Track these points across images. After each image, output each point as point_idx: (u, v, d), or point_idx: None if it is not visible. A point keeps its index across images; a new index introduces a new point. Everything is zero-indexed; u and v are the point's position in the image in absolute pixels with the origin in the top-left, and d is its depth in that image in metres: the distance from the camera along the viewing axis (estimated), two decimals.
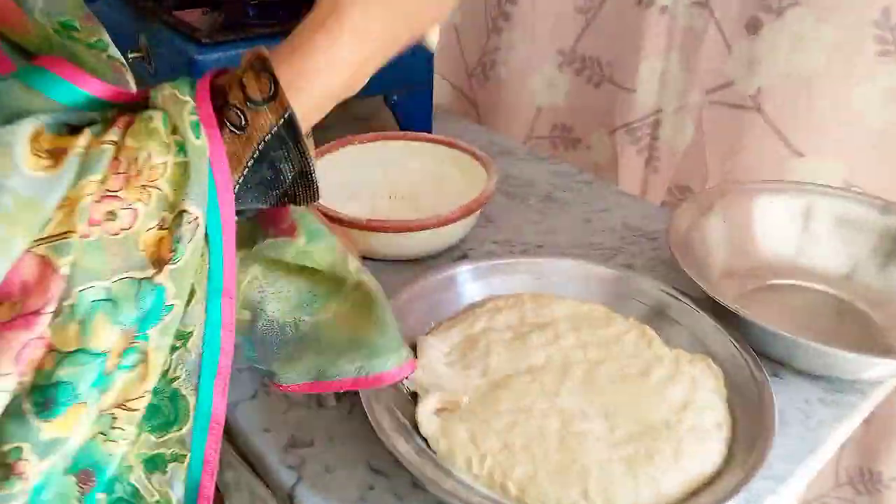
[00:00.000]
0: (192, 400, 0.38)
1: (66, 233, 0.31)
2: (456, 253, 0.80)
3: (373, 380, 0.48)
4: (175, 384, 0.38)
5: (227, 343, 0.39)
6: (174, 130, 0.35)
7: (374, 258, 0.77)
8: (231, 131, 0.36)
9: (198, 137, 0.35)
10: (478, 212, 0.78)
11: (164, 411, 0.38)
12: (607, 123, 1.07)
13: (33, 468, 0.32)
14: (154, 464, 0.39)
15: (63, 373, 0.31)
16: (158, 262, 0.33)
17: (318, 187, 0.40)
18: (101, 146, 0.33)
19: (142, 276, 0.33)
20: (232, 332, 0.39)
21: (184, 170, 0.34)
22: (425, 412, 0.54)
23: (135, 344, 0.34)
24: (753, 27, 0.84)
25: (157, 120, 0.34)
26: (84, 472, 0.36)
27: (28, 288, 0.30)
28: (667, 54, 0.95)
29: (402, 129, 1.00)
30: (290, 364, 0.49)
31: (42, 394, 0.31)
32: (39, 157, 0.31)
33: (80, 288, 0.31)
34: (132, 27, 0.92)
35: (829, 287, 0.73)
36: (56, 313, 0.31)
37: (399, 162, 0.88)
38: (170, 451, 0.39)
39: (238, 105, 0.36)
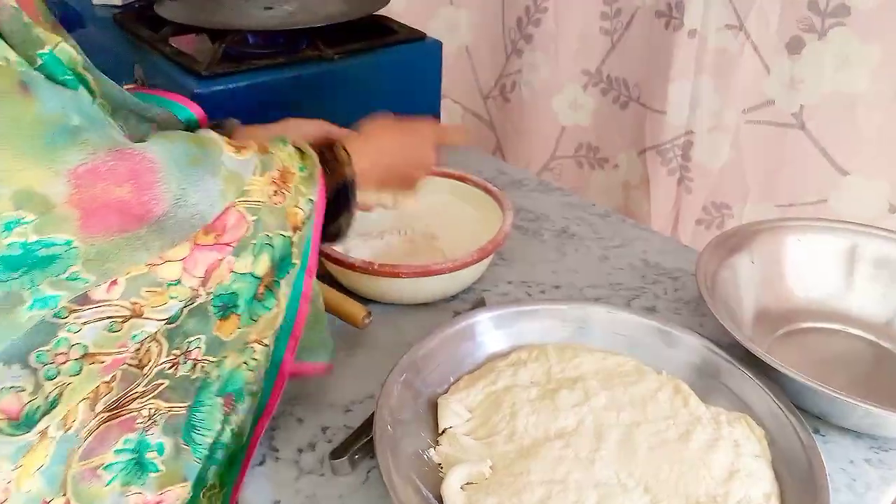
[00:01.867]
0: (271, 347, 0.51)
1: (258, 201, 0.47)
2: (471, 295, 0.76)
3: (307, 368, 0.57)
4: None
5: (302, 309, 0.52)
6: (302, 157, 0.53)
7: (385, 302, 0.73)
8: (325, 171, 0.54)
9: (311, 164, 0.53)
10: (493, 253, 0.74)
11: (261, 357, 0.50)
12: (636, 144, 1.05)
13: (199, 356, 0.46)
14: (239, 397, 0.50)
15: (236, 286, 0.46)
16: (294, 229, 0.50)
17: (347, 228, 0.59)
18: (269, 154, 0.50)
19: (287, 234, 0.49)
20: (308, 301, 0.52)
21: (308, 178, 0.52)
22: (451, 487, 0.50)
23: (273, 290, 0.49)
24: (795, 47, 0.83)
25: (290, 148, 0.53)
26: (228, 395, 0.48)
27: (228, 228, 0.45)
28: (697, 76, 0.93)
29: None
30: None
31: (220, 299, 0.46)
32: (232, 147, 0.48)
33: (260, 233, 0.47)
34: (127, 56, 0.88)
35: (867, 333, 0.70)
36: (242, 247, 0.46)
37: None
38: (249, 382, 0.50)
39: (331, 159, 0.55)
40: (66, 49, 0.42)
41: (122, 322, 0.41)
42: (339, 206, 0.55)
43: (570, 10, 1.06)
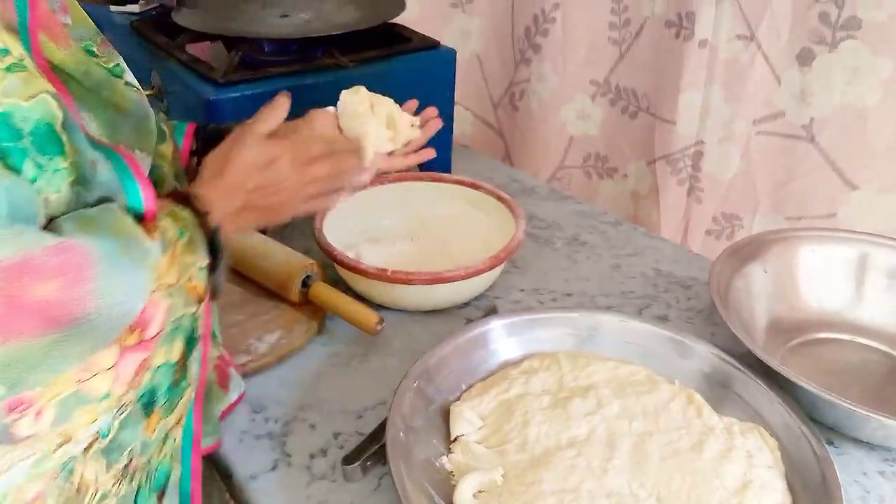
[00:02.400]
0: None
1: (169, 284, 0.43)
2: (483, 302, 0.76)
3: (207, 449, 0.55)
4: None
5: (202, 379, 0.50)
6: (175, 219, 0.47)
7: (398, 309, 0.74)
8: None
9: (188, 225, 0.48)
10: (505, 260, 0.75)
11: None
12: (646, 154, 1.05)
13: (138, 463, 0.44)
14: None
15: (156, 380, 0.44)
16: (198, 301, 0.47)
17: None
18: (166, 233, 0.45)
19: (193, 310, 0.46)
20: (206, 370, 0.50)
21: (189, 243, 0.46)
22: (464, 495, 0.50)
23: (185, 371, 0.46)
24: (805, 59, 0.82)
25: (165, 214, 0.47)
26: (161, 490, 0.48)
27: (149, 322, 0.42)
28: (708, 86, 0.93)
29: (420, 166, 0.96)
30: None
31: (143, 397, 0.43)
32: (145, 231, 0.43)
33: (173, 319, 0.44)
34: (144, 62, 0.89)
35: (879, 344, 0.70)
36: (162, 339, 0.43)
37: (421, 204, 0.84)
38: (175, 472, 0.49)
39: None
40: (37, 102, 0.38)
41: (52, 454, 0.38)
42: (212, 261, 0.49)
43: (578, 19, 1.06)
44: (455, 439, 0.57)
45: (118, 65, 0.51)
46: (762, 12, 0.86)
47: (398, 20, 0.93)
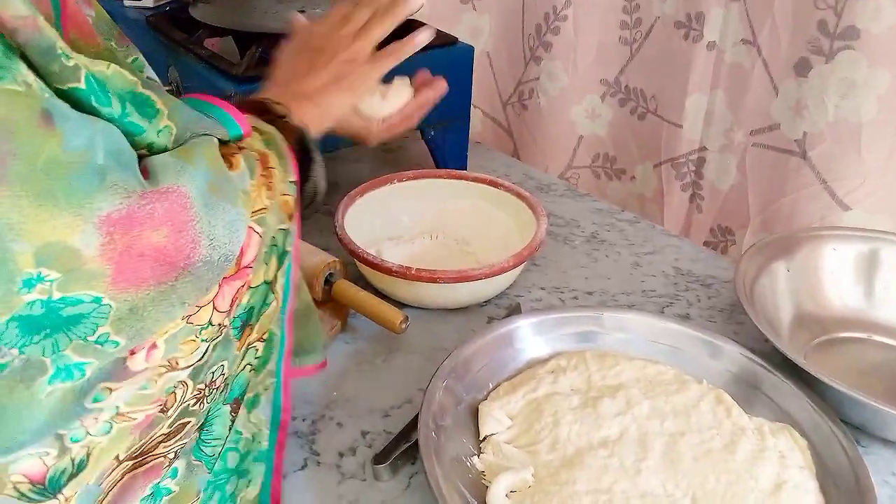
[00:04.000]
0: (277, 333, 0.48)
1: (262, 209, 0.43)
2: (504, 300, 0.76)
3: (301, 371, 0.56)
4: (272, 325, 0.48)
5: (292, 293, 0.49)
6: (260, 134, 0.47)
7: (420, 307, 0.73)
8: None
9: (273, 138, 0.48)
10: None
11: (263, 351, 0.48)
12: (653, 156, 1.04)
13: (221, 380, 0.43)
14: (252, 403, 0.48)
15: (252, 301, 0.44)
16: (289, 217, 0.46)
17: (323, 181, 0.53)
18: (246, 150, 0.44)
19: (285, 227, 0.46)
20: (296, 287, 0.49)
21: (277, 155, 0.46)
22: (497, 496, 0.50)
23: (273, 285, 0.46)
24: (802, 69, 0.80)
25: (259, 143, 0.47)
26: (235, 400, 0.46)
27: (246, 250, 0.41)
28: (713, 91, 0.92)
29: (436, 163, 0.96)
30: None
31: (239, 319, 0.43)
32: (228, 163, 0.42)
33: (268, 239, 0.44)
34: (161, 58, 0.88)
35: None
36: (258, 262, 0.42)
37: (441, 201, 0.84)
38: (263, 385, 0.49)
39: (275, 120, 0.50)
40: (115, 71, 0.37)
41: (157, 378, 0.38)
42: (303, 164, 0.50)
43: (590, 18, 1.05)
44: (484, 438, 0.56)
45: (137, 59, 0.50)
46: (764, 17, 0.84)
47: (414, 16, 0.92)
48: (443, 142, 0.94)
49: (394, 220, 0.83)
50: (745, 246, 0.96)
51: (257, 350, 0.47)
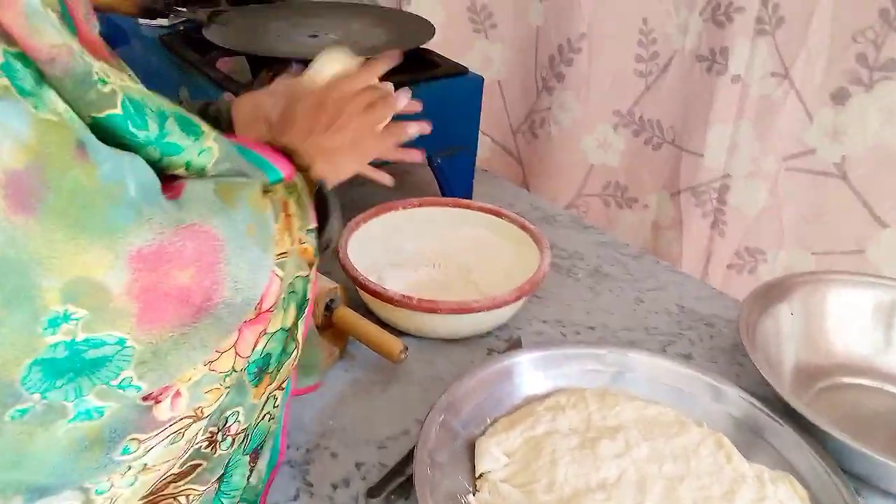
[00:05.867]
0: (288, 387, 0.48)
1: (283, 253, 0.43)
2: (505, 332, 0.76)
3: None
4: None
5: (305, 332, 0.48)
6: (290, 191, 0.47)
7: (420, 336, 0.73)
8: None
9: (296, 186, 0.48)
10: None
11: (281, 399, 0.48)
12: (669, 185, 1.05)
13: (238, 428, 0.43)
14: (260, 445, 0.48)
15: (269, 347, 0.43)
16: (309, 264, 0.46)
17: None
18: (276, 197, 0.44)
19: (305, 274, 0.45)
20: (308, 323, 0.48)
21: (298, 202, 0.46)
22: None
23: (294, 334, 0.45)
24: (840, 98, 0.82)
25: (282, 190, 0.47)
26: (255, 451, 0.46)
27: (267, 293, 0.41)
28: (737, 121, 0.93)
29: (442, 190, 0.96)
30: None
31: (255, 365, 0.42)
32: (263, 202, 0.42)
33: (286, 285, 0.43)
34: (172, 77, 0.89)
35: None
36: (277, 308, 0.42)
37: (444, 229, 0.84)
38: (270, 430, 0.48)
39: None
40: (154, 97, 0.37)
41: (185, 431, 0.38)
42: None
43: (604, 52, 1.06)
44: (480, 476, 0.56)
45: (130, 75, 0.50)
46: (798, 51, 0.86)
47: (428, 43, 0.93)
48: (449, 170, 0.94)
49: (397, 246, 0.82)
50: (782, 264, 0.97)
51: (276, 399, 0.46)
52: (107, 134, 0.34)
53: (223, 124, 0.63)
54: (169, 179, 0.39)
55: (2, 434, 0.31)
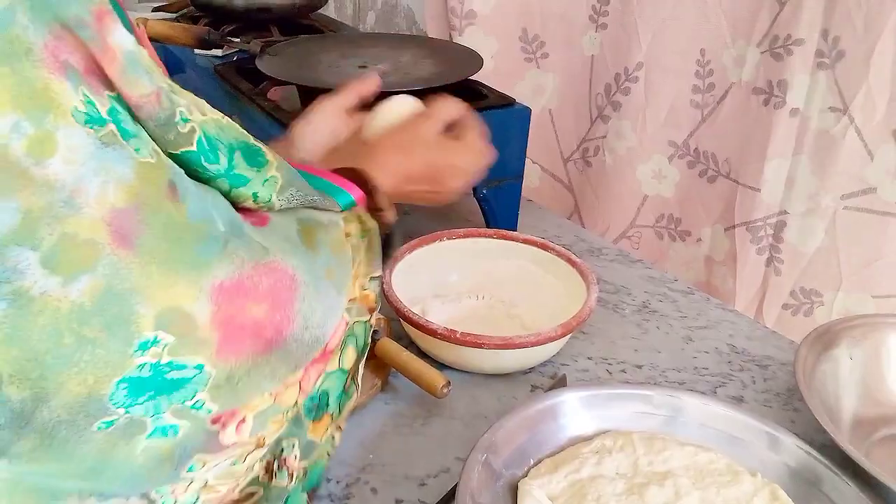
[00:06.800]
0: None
1: (353, 299, 0.45)
2: (549, 368, 0.74)
3: None
4: None
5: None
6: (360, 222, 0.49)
7: (463, 370, 0.72)
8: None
9: (370, 233, 0.49)
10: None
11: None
12: (724, 219, 1.03)
13: (295, 464, 0.43)
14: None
15: (326, 385, 0.44)
16: (370, 311, 0.47)
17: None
18: (353, 241, 0.46)
19: (365, 320, 0.46)
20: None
21: (369, 249, 0.48)
22: None
23: (356, 377, 0.46)
24: None
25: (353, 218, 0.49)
26: (314, 489, 0.46)
27: (335, 334, 0.43)
28: (796, 156, 0.91)
29: (487, 221, 0.96)
30: None
31: (310, 400, 0.43)
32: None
33: (350, 328, 0.44)
34: (225, 106, 0.91)
35: None
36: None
37: (490, 261, 0.83)
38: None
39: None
40: (229, 123, 0.39)
41: (247, 456, 0.39)
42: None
43: (662, 82, 1.05)
44: None
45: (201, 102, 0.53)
46: (858, 86, 0.84)
47: (479, 73, 0.93)
48: (495, 201, 0.94)
49: (441, 277, 0.82)
50: (840, 306, 0.94)
51: (334, 439, 0.47)
52: (181, 167, 0.36)
53: None
54: (251, 210, 0.41)
55: (90, 442, 0.33)
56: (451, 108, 0.64)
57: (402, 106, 0.65)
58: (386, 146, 0.59)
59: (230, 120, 0.40)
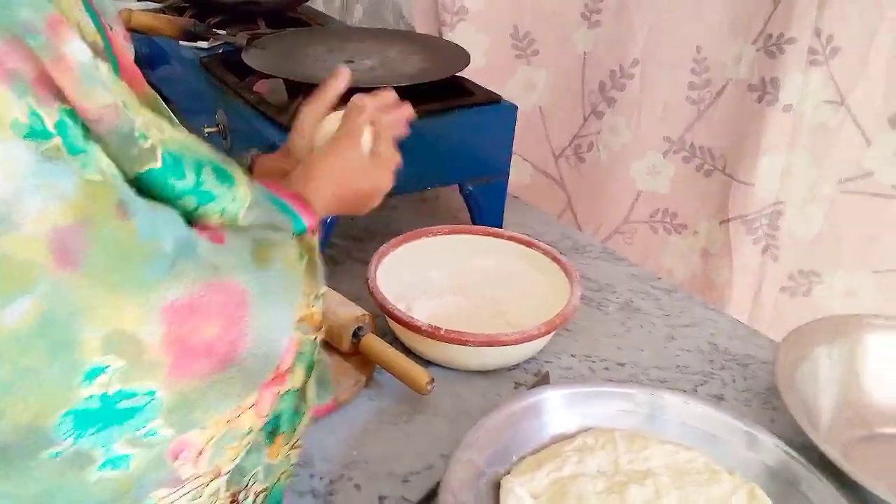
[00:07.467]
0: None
1: (302, 318, 0.44)
2: (532, 365, 0.75)
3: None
4: None
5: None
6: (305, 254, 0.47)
7: (447, 367, 0.72)
8: None
9: (309, 250, 0.48)
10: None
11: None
12: (719, 213, 1.04)
13: (257, 488, 0.43)
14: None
15: (281, 406, 0.43)
16: (316, 329, 0.47)
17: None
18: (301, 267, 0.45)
19: (312, 338, 0.46)
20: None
21: (310, 265, 0.46)
22: None
23: (305, 394, 0.46)
24: None
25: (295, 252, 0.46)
26: None
27: (286, 353, 0.42)
28: (790, 150, 0.93)
29: (473, 218, 0.96)
30: None
31: (267, 425, 0.43)
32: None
33: (300, 349, 0.44)
34: (210, 99, 0.90)
35: None
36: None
37: (475, 257, 0.83)
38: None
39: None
40: (192, 140, 0.39)
41: (203, 490, 0.39)
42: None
43: (657, 78, 1.06)
44: None
45: (169, 117, 0.51)
46: (855, 79, 0.86)
47: (467, 68, 0.93)
48: (481, 197, 0.94)
49: (426, 274, 0.82)
50: (840, 283, 0.96)
51: (290, 458, 0.47)
52: (148, 186, 0.36)
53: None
54: (210, 227, 0.40)
55: (40, 467, 0.32)
56: (364, 118, 0.62)
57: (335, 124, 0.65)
58: (322, 173, 0.58)
59: (196, 138, 0.40)
